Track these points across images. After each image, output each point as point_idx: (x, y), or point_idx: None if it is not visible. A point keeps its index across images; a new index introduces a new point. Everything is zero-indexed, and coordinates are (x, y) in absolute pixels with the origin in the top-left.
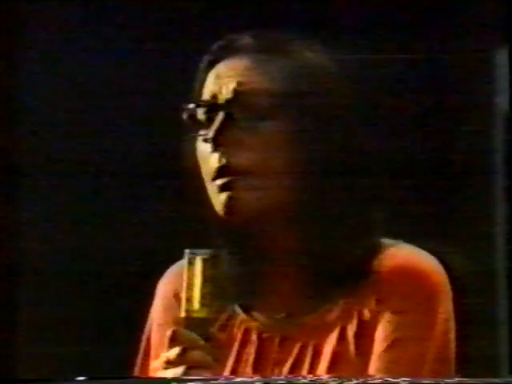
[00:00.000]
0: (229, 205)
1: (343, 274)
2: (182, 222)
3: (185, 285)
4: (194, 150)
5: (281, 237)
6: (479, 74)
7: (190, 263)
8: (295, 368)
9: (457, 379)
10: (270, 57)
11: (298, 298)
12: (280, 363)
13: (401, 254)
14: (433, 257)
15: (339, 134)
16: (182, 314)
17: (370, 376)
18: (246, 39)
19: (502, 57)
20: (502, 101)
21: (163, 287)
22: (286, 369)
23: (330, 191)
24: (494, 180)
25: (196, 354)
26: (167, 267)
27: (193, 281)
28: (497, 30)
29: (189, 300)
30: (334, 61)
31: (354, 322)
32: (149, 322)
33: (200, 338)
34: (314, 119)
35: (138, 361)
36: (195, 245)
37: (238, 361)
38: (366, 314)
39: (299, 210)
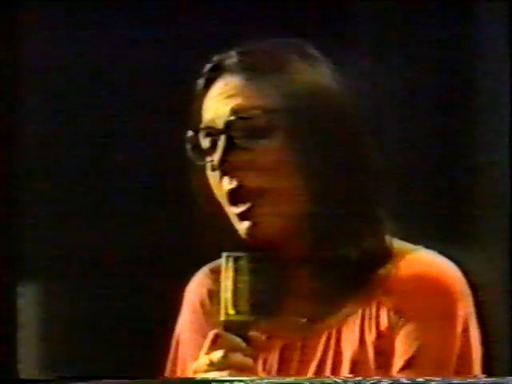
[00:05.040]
0: (251, 233)
1: (357, 278)
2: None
3: (223, 288)
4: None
5: (296, 246)
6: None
7: (228, 266)
8: (317, 374)
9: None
10: (261, 73)
11: (317, 304)
12: (303, 367)
13: (420, 261)
14: (454, 265)
15: (341, 146)
16: (222, 317)
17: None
18: (233, 57)
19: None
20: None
21: (190, 296)
22: (309, 373)
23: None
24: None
25: (238, 357)
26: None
27: (232, 283)
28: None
29: (227, 303)
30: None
31: (373, 326)
32: (177, 330)
33: (242, 340)
34: (313, 135)
35: (168, 367)
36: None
37: (263, 365)
38: (384, 319)
39: (312, 222)
